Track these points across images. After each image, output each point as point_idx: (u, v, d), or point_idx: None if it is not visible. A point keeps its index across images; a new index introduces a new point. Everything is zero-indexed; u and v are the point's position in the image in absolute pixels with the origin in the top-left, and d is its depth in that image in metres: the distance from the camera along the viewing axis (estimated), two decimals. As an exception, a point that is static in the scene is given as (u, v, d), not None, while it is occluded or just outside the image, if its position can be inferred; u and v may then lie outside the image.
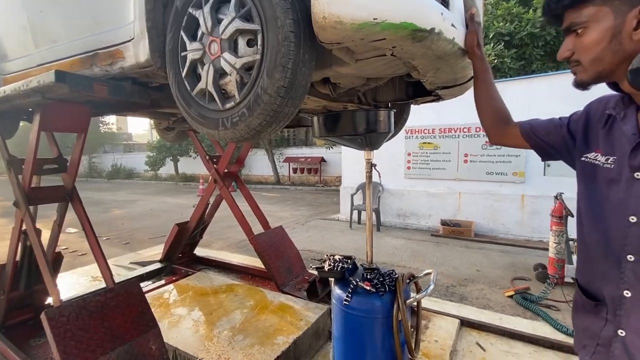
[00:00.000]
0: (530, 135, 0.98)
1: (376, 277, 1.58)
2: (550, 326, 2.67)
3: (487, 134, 1.13)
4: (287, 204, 9.73)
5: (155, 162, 18.43)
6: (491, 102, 1.10)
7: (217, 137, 1.14)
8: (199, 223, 3.69)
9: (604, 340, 0.77)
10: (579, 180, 0.86)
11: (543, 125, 0.97)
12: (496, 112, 1.09)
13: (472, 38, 1.12)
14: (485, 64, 1.13)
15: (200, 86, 1.13)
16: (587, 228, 0.81)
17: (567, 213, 3.43)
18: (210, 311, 2.49)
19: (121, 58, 1.37)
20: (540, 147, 0.97)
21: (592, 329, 0.80)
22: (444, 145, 5.73)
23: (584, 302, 0.84)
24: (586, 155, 0.83)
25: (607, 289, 0.76)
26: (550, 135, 0.94)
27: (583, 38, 0.73)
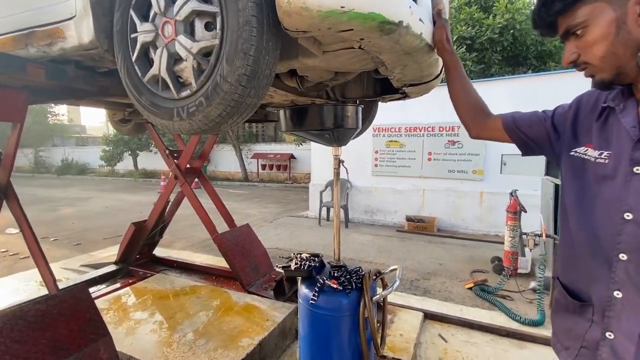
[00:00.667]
0: (512, 128, 0.94)
1: (343, 274, 1.56)
2: (505, 315, 2.83)
3: (466, 127, 1.09)
4: (255, 201, 9.54)
5: (112, 157, 17.25)
6: (467, 95, 1.08)
7: (171, 128, 1.05)
8: (158, 222, 3.48)
9: (589, 343, 0.74)
10: (564, 176, 0.82)
11: (525, 118, 0.92)
12: (473, 105, 1.06)
13: (440, 33, 1.11)
14: (456, 58, 1.13)
15: (153, 72, 1.03)
16: (574, 225, 0.78)
17: (520, 209, 3.65)
18: (170, 315, 2.35)
19: (61, 38, 1.21)
20: (521, 140, 0.93)
21: (576, 330, 0.77)
22: (409, 144, 5.89)
23: (567, 302, 0.80)
24: (575, 150, 0.79)
25: (595, 289, 0.72)
26: (532, 128, 0.90)
27: (586, 37, 0.69)
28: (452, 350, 2.34)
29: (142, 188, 13.29)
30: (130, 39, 1.06)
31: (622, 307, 0.68)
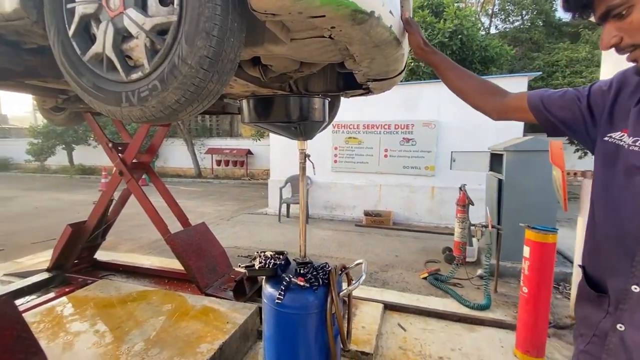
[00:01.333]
0: (540, 110, 0.85)
1: (309, 271, 1.53)
2: (457, 302, 3.02)
3: (485, 113, 1.00)
4: (211, 199, 9.12)
5: (42, 150, 15.33)
6: (468, 81, 1.02)
7: (119, 115, 0.92)
8: (100, 222, 3.15)
9: (600, 332, 0.73)
10: (596, 162, 0.76)
11: (556, 98, 0.84)
12: (481, 88, 0.99)
13: (416, 39, 1.11)
14: (441, 54, 1.11)
15: (96, 50, 0.90)
16: (599, 215, 0.75)
17: (469, 202, 3.92)
18: (117, 324, 2.13)
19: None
20: (550, 122, 0.85)
21: (591, 318, 0.76)
22: (367, 141, 6.03)
23: (587, 291, 0.79)
24: (610, 135, 0.72)
25: (613, 282, 0.70)
26: (564, 110, 0.81)
27: (632, 18, 0.61)
28: (411, 338, 2.43)
29: (79, 186, 12.01)
30: (66, 9, 0.91)
31: (638, 301, 0.66)
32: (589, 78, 7.86)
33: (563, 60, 8.54)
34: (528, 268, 2.13)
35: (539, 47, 9.97)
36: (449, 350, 2.30)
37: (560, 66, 8.59)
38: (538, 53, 9.62)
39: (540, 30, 10.20)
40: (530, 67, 9.47)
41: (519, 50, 9.59)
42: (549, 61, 8.92)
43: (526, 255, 2.15)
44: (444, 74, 1.09)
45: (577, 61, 8.42)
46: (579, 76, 8.09)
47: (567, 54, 8.61)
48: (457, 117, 5.54)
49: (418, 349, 2.30)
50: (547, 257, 2.09)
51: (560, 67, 8.57)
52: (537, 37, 10.01)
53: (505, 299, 3.12)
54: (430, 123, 5.68)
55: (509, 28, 11.22)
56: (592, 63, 8.27)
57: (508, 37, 10.20)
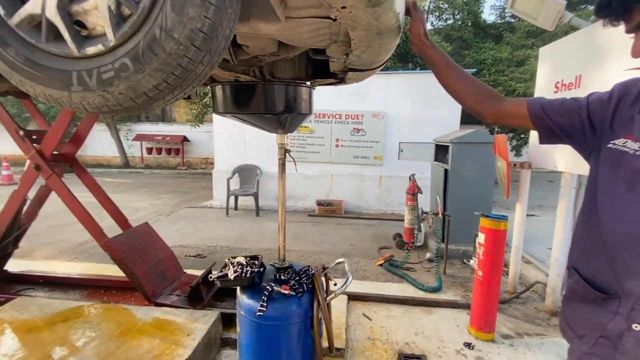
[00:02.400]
0: (540, 116, 0.86)
1: (292, 277, 1.41)
2: (412, 286, 3.18)
3: (479, 116, 0.99)
4: (143, 192, 8.22)
5: None
6: (466, 82, 0.99)
7: (66, 102, 0.69)
8: (10, 228, 2.58)
9: (610, 333, 0.74)
10: (600, 168, 0.79)
11: (557, 106, 0.85)
12: (478, 91, 0.98)
13: (418, 27, 1.03)
14: (440, 50, 1.04)
15: (30, 11, 0.64)
16: (605, 219, 0.76)
17: (418, 190, 4.14)
18: (47, 353, 1.76)
19: None
20: (548, 130, 0.86)
21: (595, 320, 0.77)
22: (319, 130, 5.97)
23: (586, 293, 0.80)
24: (613, 142, 0.75)
25: (629, 283, 0.71)
26: (565, 117, 0.83)
27: None
28: (377, 327, 2.49)
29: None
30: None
31: None
32: (510, 76, 8.89)
33: (489, 59, 9.49)
34: (483, 253, 2.31)
35: (468, 45, 10.92)
36: (413, 335, 2.40)
37: (486, 64, 9.54)
38: (468, 51, 10.54)
39: (469, 29, 11.17)
40: (461, 63, 10.34)
41: (451, 47, 10.38)
42: (477, 59, 9.83)
43: (481, 242, 2.32)
44: (441, 71, 1.03)
45: (500, 60, 9.43)
46: (502, 74, 9.09)
47: (492, 54, 9.58)
48: (404, 109, 5.78)
49: (385, 337, 2.36)
50: (499, 242, 2.28)
51: (487, 65, 9.52)
52: (466, 36, 10.95)
53: (454, 279, 3.39)
54: (379, 114, 5.83)
55: (442, 25, 12.06)
56: (512, 63, 9.35)
57: (442, 34, 10.98)
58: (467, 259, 3.81)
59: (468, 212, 3.16)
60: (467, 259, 3.81)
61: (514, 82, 8.81)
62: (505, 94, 9.10)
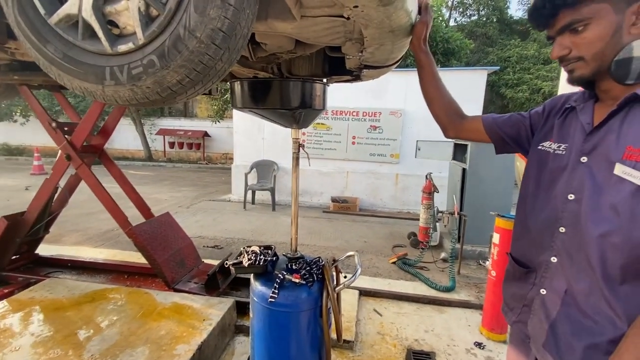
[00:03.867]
0: (494, 129, 1.02)
1: (303, 267, 1.46)
2: (425, 285, 3.17)
3: (442, 128, 1.13)
4: (165, 184, 8.52)
5: (-47, 127, 13.06)
6: (442, 96, 1.11)
7: (99, 95, 0.75)
8: (42, 214, 2.77)
9: (529, 301, 0.88)
10: (530, 166, 0.93)
11: (506, 119, 1.02)
12: (448, 106, 1.10)
13: (421, 29, 1.08)
14: (431, 58, 1.13)
15: (68, 11, 0.71)
16: (530, 208, 0.90)
17: (434, 189, 4.10)
18: (74, 330, 1.90)
19: None
20: (501, 140, 1.02)
21: (520, 293, 0.91)
22: (335, 127, 5.99)
23: (515, 271, 0.95)
24: (542, 144, 0.90)
25: (540, 257, 0.85)
26: (513, 128, 0.99)
27: (585, 34, 0.74)
28: (387, 322, 2.51)
29: (5, 169, 10.49)
30: (23, -47, 0.70)
31: (555, 269, 0.82)
32: (536, 75, 8.56)
33: (514, 56, 9.18)
34: (497, 253, 2.28)
35: (492, 42, 10.59)
36: (423, 332, 2.41)
37: (511, 62, 9.22)
38: (492, 48, 10.23)
39: (494, 26, 10.82)
40: (484, 60, 10.05)
41: (474, 44, 10.10)
42: (501, 56, 9.53)
43: (495, 242, 2.29)
44: (425, 77, 1.15)
45: (526, 58, 9.10)
46: (527, 72, 8.77)
47: (517, 51, 9.25)
48: (422, 107, 5.66)
49: (395, 333, 2.38)
50: (515, 243, 2.24)
51: (512, 63, 9.20)
52: (491, 33, 10.62)
53: (468, 280, 3.35)
54: (397, 112, 5.79)
55: (466, 22, 11.75)
56: (539, 60, 9.00)
57: (465, 31, 10.68)
58: (483, 260, 3.75)
59: (485, 212, 3.11)
60: (483, 260, 3.75)
61: (540, 81, 8.49)
62: (530, 92, 8.80)
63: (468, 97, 4.82)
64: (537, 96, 8.71)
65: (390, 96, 5.83)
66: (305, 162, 1.75)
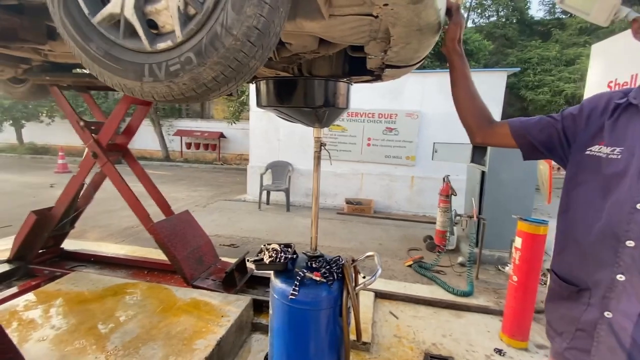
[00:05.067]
0: (521, 134, 0.95)
1: (323, 265, 1.47)
2: (442, 289, 3.12)
3: (469, 133, 1.07)
4: (182, 184, 8.69)
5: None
6: (473, 100, 1.06)
7: (138, 91, 0.78)
8: (69, 209, 2.87)
9: (584, 325, 0.79)
10: (576, 173, 0.85)
11: (534, 123, 0.93)
12: (479, 111, 1.05)
13: (454, 31, 1.05)
14: (466, 60, 1.09)
15: (111, 10, 0.74)
16: (582, 219, 0.82)
17: (452, 192, 4.03)
18: (98, 322, 1.96)
19: None
20: (530, 145, 0.94)
21: (570, 315, 0.82)
22: (351, 129, 5.98)
23: (561, 290, 0.86)
24: (590, 149, 0.82)
25: (598, 274, 0.76)
26: (543, 132, 0.91)
27: None
28: (404, 325, 2.48)
29: (31, 167, 10.94)
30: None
31: (624, 288, 0.73)
32: (558, 76, 8.32)
33: (535, 57, 8.95)
34: (519, 258, 2.22)
35: (512, 43, 10.36)
36: (441, 337, 2.37)
37: (532, 63, 9.00)
38: (512, 49, 10.01)
39: (514, 27, 10.59)
40: (503, 62, 9.84)
41: (493, 46, 9.91)
42: (521, 58, 9.31)
43: (517, 246, 2.24)
44: (459, 80, 1.10)
45: (547, 59, 8.86)
46: (549, 74, 8.54)
47: (538, 52, 9.02)
48: (440, 109, 5.63)
49: (412, 336, 2.35)
50: (538, 248, 2.18)
51: (532, 64, 8.98)
52: (510, 34, 10.39)
53: (486, 285, 3.28)
54: (414, 113, 5.74)
55: (485, 23, 11.55)
56: (561, 62, 8.75)
57: (484, 32, 10.50)
58: (502, 265, 3.66)
59: (505, 217, 3.04)
60: (502, 265, 3.66)
61: (562, 83, 8.24)
62: (551, 94, 8.55)
63: (487, 100, 4.69)
64: (559, 98, 8.46)
65: (406, 98, 5.78)
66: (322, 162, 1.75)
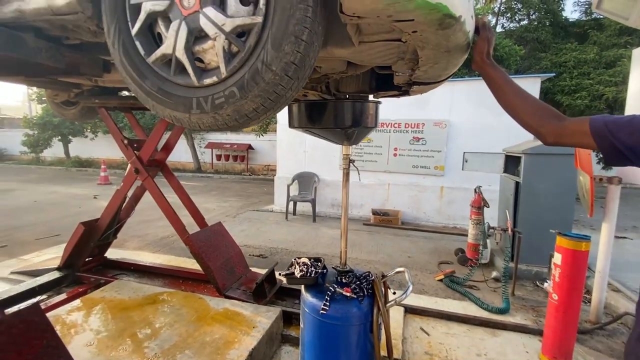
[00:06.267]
0: (604, 135, 0.80)
1: (352, 280, 1.48)
2: (475, 305, 3.00)
3: (536, 133, 0.95)
4: (213, 195, 9.02)
5: (37, 142, 15.02)
6: (526, 99, 0.96)
7: (186, 122, 0.86)
8: (112, 221, 3.07)
9: None
10: None
11: (624, 123, 0.79)
12: (540, 108, 0.94)
13: (483, 45, 1.03)
14: (499, 68, 1.04)
15: (164, 51, 0.83)
16: None
17: (484, 204, 3.90)
18: (139, 329, 2.08)
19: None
20: (614, 148, 0.80)
21: None
22: (376, 139, 5.97)
23: None
24: None
25: None
26: (634, 135, 0.76)
27: None
28: (436, 342, 2.41)
29: (76, 179, 11.81)
30: (130, 6, 0.84)
31: None
32: (597, 80, 7.86)
33: (571, 61, 8.51)
34: (559, 275, 2.11)
35: (545, 47, 9.93)
36: (475, 356, 2.28)
37: (567, 67, 8.56)
38: (545, 53, 9.59)
39: (547, 30, 10.15)
40: (536, 67, 9.45)
41: (524, 50, 9.54)
42: (556, 62, 8.89)
43: (557, 262, 2.13)
44: (500, 89, 1.01)
45: (584, 62, 8.39)
46: (587, 78, 8.07)
47: (574, 55, 8.57)
48: (469, 118, 5.50)
49: (444, 354, 2.28)
50: (580, 265, 2.06)
51: (568, 68, 8.54)
52: (543, 37, 9.97)
53: (524, 302, 3.12)
54: (441, 122, 5.64)
55: (515, 27, 11.18)
56: (600, 65, 8.26)
57: (514, 37, 10.16)
58: (541, 281, 3.47)
59: (543, 229, 2.90)
60: (541, 281, 3.47)
61: (602, 86, 7.76)
62: (590, 99, 8.08)
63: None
64: (599, 103, 7.97)
65: (434, 107, 5.70)
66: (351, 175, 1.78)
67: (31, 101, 17.46)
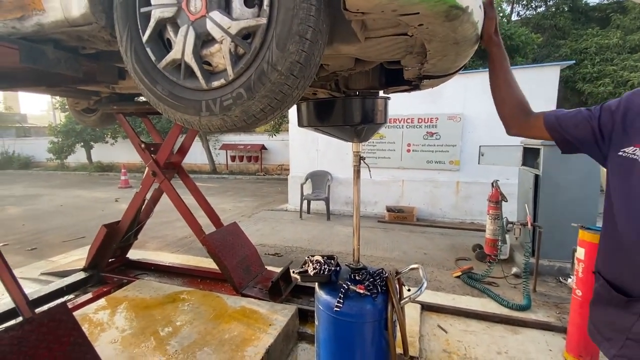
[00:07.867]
0: (555, 128, 0.92)
1: (366, 278, 1.48)
2: (495, 302, 2.94)
3: (505, 124, 1.07)
4: (228, 195, 9.17)
5: (62, 149, 15.67)
6: (511, 92, 1.04)
7: (196, 124, 0.88)
8: (133, 223, 3.17)
9: (637, 335, 0.77)
10: (612, 175, 0.83)
11: (570, 117, 0.90)
12: (517, 102, 1.03)
13: (490, 24, 1.05)
14: (504, 51, 1.08)
15: (173, 56, 0.85)
16: (622, 223, 0.79)
17: (502, 198, 3.80)
18: (160, 326, 2.14)
19: (39, 10, 0.98)
20: (564, 140, 0.91)
21: (621, 323, 0.80)
22: (389, 135, 5.91)
23: (611, 297, 0.83)
24: (624, 150, 0.78)
25: None
26: (578, 128, 0.88)
27: None
28: (454, 340, 2.38)
29: (98, 183, 12.26)
30: (140, 14, 0.86)
31: None
32: (621, 65, 7.49)
33: (592, 47, 8.12)
34: (582, 270, 2.04)
35: (564, 33, 9.51)
36: (495, 354, 2.23)
37: (589, 54, 8.18)
38: (564, 40, 9.21)
39: (565, 16, 9.73)
40: (555, 55, 9.09)
41: (542, 38, 9.18)
42: (576, 48, 8.50)
43: (580, 257, 2.06)
44: (497, 72, 1.08)
45: (607, 48, 8.00)
46: (610, 64, 7.70)
47: (596, 41, 8.18)
48: (484, 110, 5.37)
49: (463, 352, 2.24)
50: (604, 259, 1.98)
51: (589, 54, 8.16)
52: (562, 24, 9.55)
53: (546, 299, 3.02)
54: (456, 116, 5.53)
55: (531, 15, 10.78)
56: (624, 49, 7.86)
57: (531, 24, 9.78)
58: (564, 276, 3.36)
59: (565, 223, 2.80)
60: (564, 276, 3.36)
61: (627, 72, 7.39)
62: (614, 85, 7.71)
63: (537, 98, 4.41)
64: (624, 89, 7.60)
65: (447, 100, 5.59)
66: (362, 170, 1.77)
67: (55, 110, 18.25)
